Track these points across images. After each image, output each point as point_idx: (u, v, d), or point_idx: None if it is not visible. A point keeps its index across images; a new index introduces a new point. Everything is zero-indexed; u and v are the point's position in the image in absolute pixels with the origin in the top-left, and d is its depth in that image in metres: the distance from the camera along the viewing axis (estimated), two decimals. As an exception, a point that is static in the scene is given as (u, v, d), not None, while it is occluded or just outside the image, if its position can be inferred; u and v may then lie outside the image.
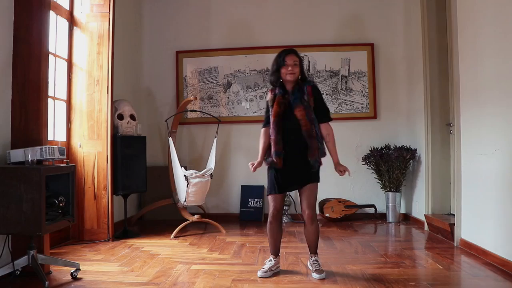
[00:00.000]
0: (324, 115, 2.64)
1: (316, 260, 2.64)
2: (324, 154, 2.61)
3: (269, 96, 2.68)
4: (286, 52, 2.60)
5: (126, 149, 3.81)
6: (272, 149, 2.57)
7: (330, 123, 2.66)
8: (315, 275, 2.54)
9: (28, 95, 2.69)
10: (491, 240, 2.88)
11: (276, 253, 2.71)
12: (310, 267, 2.68)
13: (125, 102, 3.97)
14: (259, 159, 2.69)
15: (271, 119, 2.58)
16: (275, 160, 2.55)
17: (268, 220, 2.67)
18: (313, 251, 2.68)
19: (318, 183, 2.63)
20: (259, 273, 2.59)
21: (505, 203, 2.73)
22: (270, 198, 2.65)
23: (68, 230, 3.59)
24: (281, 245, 2.75)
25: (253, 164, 2.67)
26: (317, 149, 2.53)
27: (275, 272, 2.64)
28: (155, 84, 5.03)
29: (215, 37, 4.98)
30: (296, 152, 2.54)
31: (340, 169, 2.62)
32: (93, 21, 3.66)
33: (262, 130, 2.73)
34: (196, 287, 2.41)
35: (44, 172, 2.34)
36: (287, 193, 4.54)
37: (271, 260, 2.67)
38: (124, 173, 3.78)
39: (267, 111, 2.70)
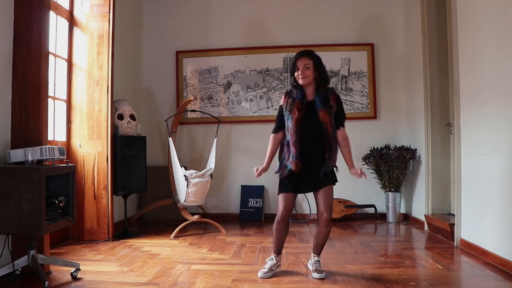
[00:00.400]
0: (341, 122, 2.61)
1: (318, 261, 2.63)
2: (335, 160, 2.59)
3: (282, 100, 2.62)
4: (298, 56, 2.57)
5: (126, 149, 3.81)
6: (292, 152, 2.50)
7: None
8: (315, 275, 2.54)
9: (28, 95, 2.69)
10: (491, 240, 2.88)
11: (278, 251, 2.69)
12: (310, 266, 2.67)
13: (125, 102, 3.97)
14: (264, 164, 2.62)
15: (291, 124, 2.51)
16: (292, 163, 2.49)
17: (276, 220, 2.61)
18: (318, 252, 2.67)
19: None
20: (260, 274, 2.58)
21: (505, 203, 2.73)
22: (280, 197, 2.57)
23: (68, 230, 3.59)
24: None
25: (257, 169, 2.58)
26: (335, 154, 2.53)
27: (275, 272, 2.64)
28: (155, 84, 5.03)
29: (215, 37, 4.98)
30: (313, 156, 2.51)
31: (356, 171, 2.53)
32: (93, 21, 3.66)
33: (272, 135, 2.65)
34: (196, 287, 2.41)
35: (44, 172, 2.34)
36: None
37: (273, 259, 2.66)
38: (124, 173, 3.78)
39: (280, 116, 2.62)
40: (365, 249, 3.29)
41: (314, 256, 2.67)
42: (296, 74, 2.56)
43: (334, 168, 2.62)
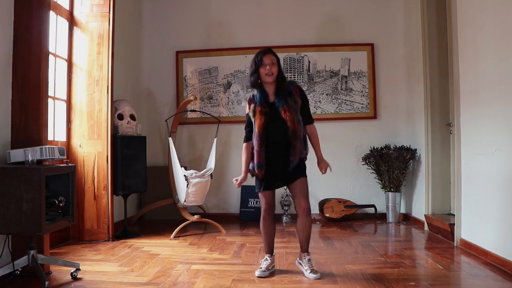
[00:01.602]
0: (309, 118, 2.66)
1: (310, 260, 2.62)
2: (306, 154, 2.64)
3: (247, 108, 2.65)
4: (264, 52, 2.59)
5: (126, 149, 3.81)
6: (255, 160, 2.57)
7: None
8: (312, 275, 2.52)
9: (28, 95, 2.69)
10: (491, 240, 2.88)
11: (271, 251, 2.71)
12: (304, 266, 2.62)
13: (125, 102, 3.97)
14: (243, 174, 2.68)
15: (255, 131, 2.55)
16: (256, 171, 2.57)
17: (262, 216, 2.66)
18: (306, 248, 2.65)
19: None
20: (258, 273, 2.58)
21: (505, 203, 2.72)
22: (260, 195, 2.66)
23: (68, 230, 3.59)
24: (281, 245, 2.75)
25: (237, 180, 2.68)
26: (300, 150, 2.54)
27: (271, 272, 2.64)
28: (155, 84, 5.03)
29: (215, 37, 4.98)
30: (281, 153, 2.53)
31: (323, 166, 2.65)
32: (93, 21, 3.66)
33: (244, 145, 2.68)
34: (196, 287, 2.41)
35: (44, 172, 2.34)
36: (287, 194, 4.56)
37: (267, 260, 2.66)
38: (124, 173, 3.78)
39: (249, 125, 2.64)
40: (365, 249, 3.29)
41: (305, 256, 2.64)
42: (262, 70, 2.56)
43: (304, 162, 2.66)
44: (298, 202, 2.59)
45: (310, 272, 2.55)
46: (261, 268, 2.62)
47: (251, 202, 4.76)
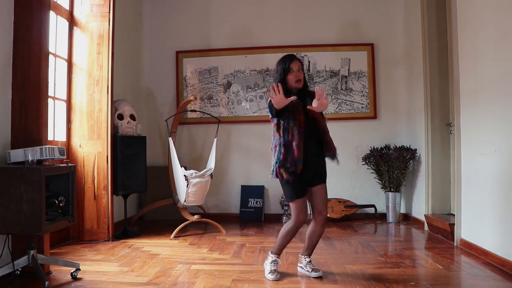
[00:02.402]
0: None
1: (311, 261, 2.64)
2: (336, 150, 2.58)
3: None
4: (291, 59, 2.54)
5: (126, 149, 3.81)
6: (295, 155, 2.40)
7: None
8: (314, 274, 2.54)
9: (28, 95, 2.69)
10: (491, 240, 2.88)
11: (280, 253, 2.70)
12: (305, 267, 2.62)
13: (125, 102, 3.97)
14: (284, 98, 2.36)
15: (294, 125, 2.42)
16: (296, 167, 2.41)
17: (296, 226, 2.54)
18: (310, 253, 2.66)
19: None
20: (273, 277, 2.53)
21: (505, 203, 2.72)
22: (297, 203, 2.50)
23: (68, 230, 3.59)
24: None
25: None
26: (332, 142, 2.54)
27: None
28: (155, 84, 5.03)
29: (215, 37, 4.98)
30: (313, 151, 2.50)
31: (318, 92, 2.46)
32: (93, 21, 3.66)
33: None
34: (196, 287, 2.41)
35: (44, 172, 2.34)
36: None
37: (277, 261, 2.64)
38: (124, 173, 3.78)
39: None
40: (365, 249, 3.29)
41: (305, 258, 2.64)
42: (291, 77, 2.51)
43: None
44: (319, 210, 2.56)
45: (312, 271, 2.57)
46: (273, 270, 2.57)
47: (251, 202, 4.76)
